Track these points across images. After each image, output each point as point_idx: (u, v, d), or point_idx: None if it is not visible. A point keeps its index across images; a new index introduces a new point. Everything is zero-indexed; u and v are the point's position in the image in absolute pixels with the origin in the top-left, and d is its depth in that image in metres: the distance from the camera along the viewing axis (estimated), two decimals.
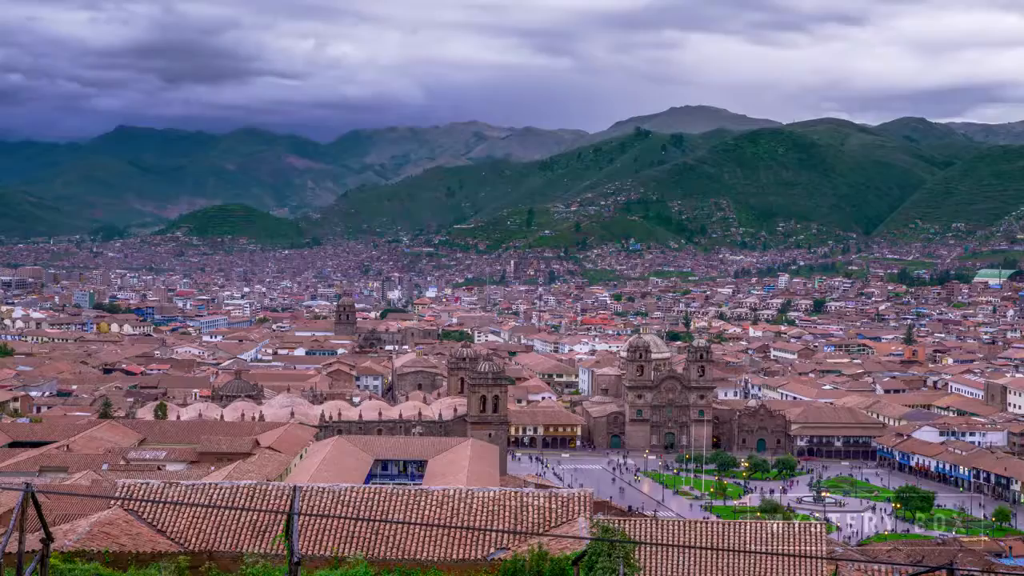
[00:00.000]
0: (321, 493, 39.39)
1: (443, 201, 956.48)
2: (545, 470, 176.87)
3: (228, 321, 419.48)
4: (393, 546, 36.29)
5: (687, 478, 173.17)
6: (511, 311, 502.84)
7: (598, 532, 35.07)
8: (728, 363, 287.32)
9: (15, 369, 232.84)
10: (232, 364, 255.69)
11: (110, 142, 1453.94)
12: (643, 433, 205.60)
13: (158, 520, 37.88)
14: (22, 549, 21.09)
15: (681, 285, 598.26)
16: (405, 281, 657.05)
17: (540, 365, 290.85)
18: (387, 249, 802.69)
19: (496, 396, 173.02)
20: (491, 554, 35.56)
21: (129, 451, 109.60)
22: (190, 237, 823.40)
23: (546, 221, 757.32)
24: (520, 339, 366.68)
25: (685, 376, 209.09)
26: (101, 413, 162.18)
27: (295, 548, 21.92)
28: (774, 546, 41.35)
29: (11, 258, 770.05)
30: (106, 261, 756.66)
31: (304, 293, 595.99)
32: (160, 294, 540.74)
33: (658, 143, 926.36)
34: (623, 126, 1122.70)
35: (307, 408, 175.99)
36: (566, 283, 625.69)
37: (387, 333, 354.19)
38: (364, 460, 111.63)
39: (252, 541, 36.08)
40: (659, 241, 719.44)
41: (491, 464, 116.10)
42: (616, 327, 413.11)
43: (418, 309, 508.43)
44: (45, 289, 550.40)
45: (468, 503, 39.14)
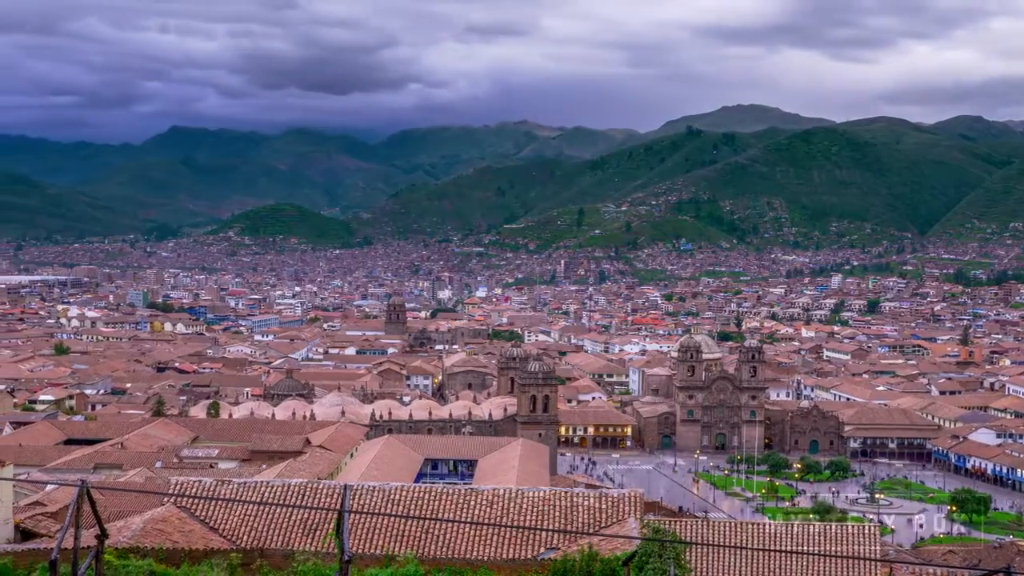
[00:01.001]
0: (371, 492, 39.48)
1: (493, 201, 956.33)
2: (595, 470, 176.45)
3: (279, 320, 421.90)
4: (443, 545, 36.31)
5: (738, 479, 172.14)
6: (561, 311, 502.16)
7: (648, 533, 34.87)
8: (780, 364, 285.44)
9: (71, 367, 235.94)
10: (283, 363, 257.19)
11: (163, 143, 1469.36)
12: (694, 434, 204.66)
13: (210, 517, 38.14)
14: (77, 545, 21.28)
15: (733, 285, 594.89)
16: (455, 281, 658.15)
17: (590, 365, 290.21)
18: (437, 249, 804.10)
19: (546, 396, 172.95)
20: (541, 554, 35.47)
21: (182, 449, 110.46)
22: (242, 237, 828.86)
23: (596, 221, 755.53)
24: (570, 339, 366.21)
25: (737, 377, 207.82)
26: (154, 411, 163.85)
27: (346, 546, 21.96)
28: (827, 548, 40.95)
29: (67, 258, 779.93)
30: (159, 261, 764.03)
31: (355, 293, 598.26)
32: (212, 293, 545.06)
33: (709, 142, 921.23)
34: (674, 125, 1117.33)
35: (358, 407, 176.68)
36: (616, 283, 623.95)
37: (437, 333, 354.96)
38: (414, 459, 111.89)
39: (303, 539, 36.23)
40: (710, 241, 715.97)
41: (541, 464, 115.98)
42: (667, 327, 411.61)
43: (468, 309, 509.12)
44: (100, 288, 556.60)
45: (518, 503, 39.08)
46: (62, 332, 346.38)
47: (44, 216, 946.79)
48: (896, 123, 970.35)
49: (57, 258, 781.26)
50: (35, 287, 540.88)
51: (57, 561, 21.03)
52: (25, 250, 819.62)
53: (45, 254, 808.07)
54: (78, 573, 21.52)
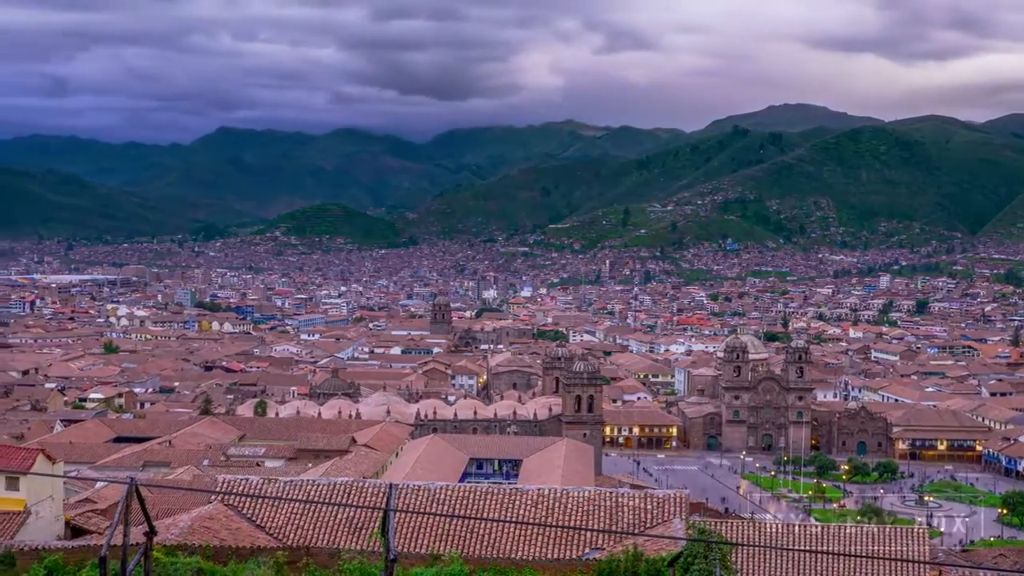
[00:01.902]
0: (417, 491, 39.61)
1: (538, 200, 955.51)
2: (640, 471, 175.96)
3: (325, 320, 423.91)
4: (488, 544, 36.35)
5: (785, 480, 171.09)
6: (606, 311, 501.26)
7: (694, 533, 34.74)
8: (827, 364, 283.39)
9: (120, 366, 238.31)
10: (329, 362, 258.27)
11: (211, 143, 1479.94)
12: (740, 435, 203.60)
13: (257, 515, 38.40)
14: (127, 542, 21.47)
15: (779, 285, 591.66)
16: (500, 281, 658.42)
17: (635, 365, 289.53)
18: (482, 249, 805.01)
19: (591, 396, 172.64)
20: (586, 554, 35.43)
21: (229, 447, 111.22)
22: (288, 236, 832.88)
23: (642, 220, 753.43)
24: (615, 339, 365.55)
25: (783, 377, 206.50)
26: (202, 410, 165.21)
27: (391, 545, 22.03)
28: (875, 550, 40.63)
29: (116, 257, 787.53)
30: (207, 260, 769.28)
31: (400, 292, 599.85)
32: (259, 293, 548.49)
33: (756, 142, 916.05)
34: (720, 124, 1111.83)
35: (403, 407, 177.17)
36: (662, 283, 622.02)
37: (482, 332, 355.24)
38: (459, 459, 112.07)
39: (349, 537, 36.39)
40: (757, 241, 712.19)
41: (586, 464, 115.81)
42: (712, 327, 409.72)
43: (513, 309, 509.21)
44: (148, 288, 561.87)
45: (563, 503, 39.06)
46: (111, 331, 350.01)
47: (94, 216, 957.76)
48: (946, 122, 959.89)
49: (107, 258, 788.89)
50: (85, 286, 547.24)
51: (107, 558, 21.25)
52: (76, 250, 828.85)
53: (95, 254, 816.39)
54: (127, 570, 21.72)
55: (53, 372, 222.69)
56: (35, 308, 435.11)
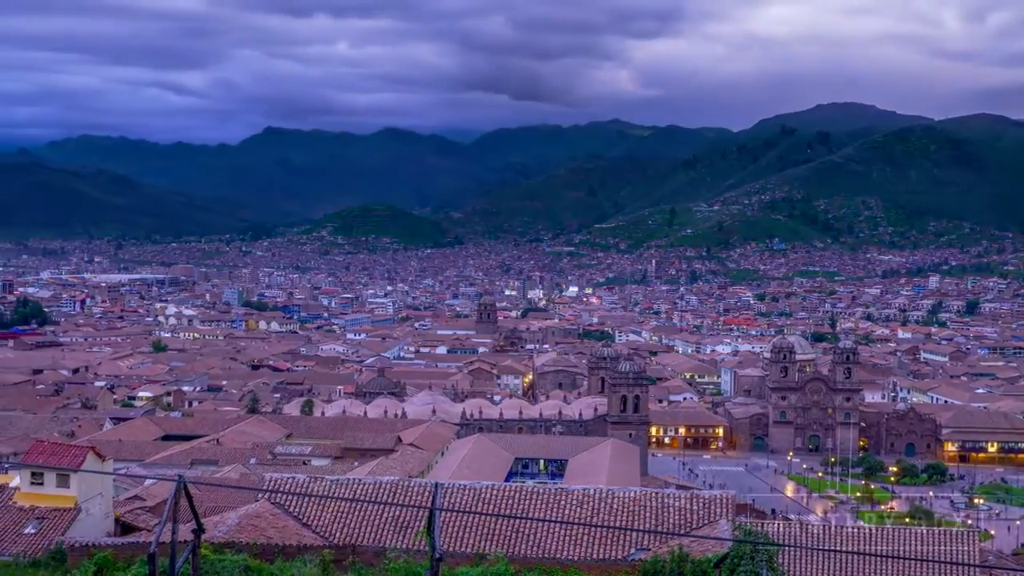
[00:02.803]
0: (462, 490, 39.66)
1: (584, 200, 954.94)
2: (686, 471, 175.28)
3: (371, 319, 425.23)
4: (533, 544, 36.34)
5: (832, 482, 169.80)
6: (652, 311, 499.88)
7: (740, 534, 34.56)
8: (875, 365, 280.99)
9: (168, 364, 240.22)
10: (375, 362, 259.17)
11: (258, 143, 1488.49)
12: (787, 435, 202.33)
13: (303, 514, 38.60)
14: (175, 539, 21.64)
15: (826, 285, 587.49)
16: (546, 280, 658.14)
17: (681, 365, 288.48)
18: (528, 248, 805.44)
19: (637, 396, 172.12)
20: (631, 554, 35.33)
21: (276, 446, 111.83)
22: (335, 236, 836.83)
23: (688, 220, 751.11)
24: (661, 339, 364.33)
25: (831, 378, 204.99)
26: (249, 408, 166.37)
27: (437, 544, 22.07)
28: (924, 552, 40.24)
29: (164, 257, 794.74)
30: (254, 260, 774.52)
31: (446, 292, 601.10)
32: (306, 292, 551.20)
33: (804, 141, 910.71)
34: (768, 124, 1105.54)
35: (448, 406, 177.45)
36: (708, 283, 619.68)
37: (528, 332, 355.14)
38: (504, 458, 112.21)
39: (394, 536, 36.49)
40: (804, 240, 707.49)
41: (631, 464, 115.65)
42: (759, 328, 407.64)
43: (558, 308, 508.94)
44: (196, 287, 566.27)
45: (608, 503, 38.98)
46: (160, 330, 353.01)
47: (143, 216, 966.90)
48: (996, 120, 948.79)
49: (155, 257, 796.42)
50: (134, 286, 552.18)
51: (156, 554, 21.45)
52: (125, 249, 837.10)
53: (144, 253, 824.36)
54: (175, 567, 21.89)
55: (103, 371, 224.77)
56: (85, 307, 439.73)
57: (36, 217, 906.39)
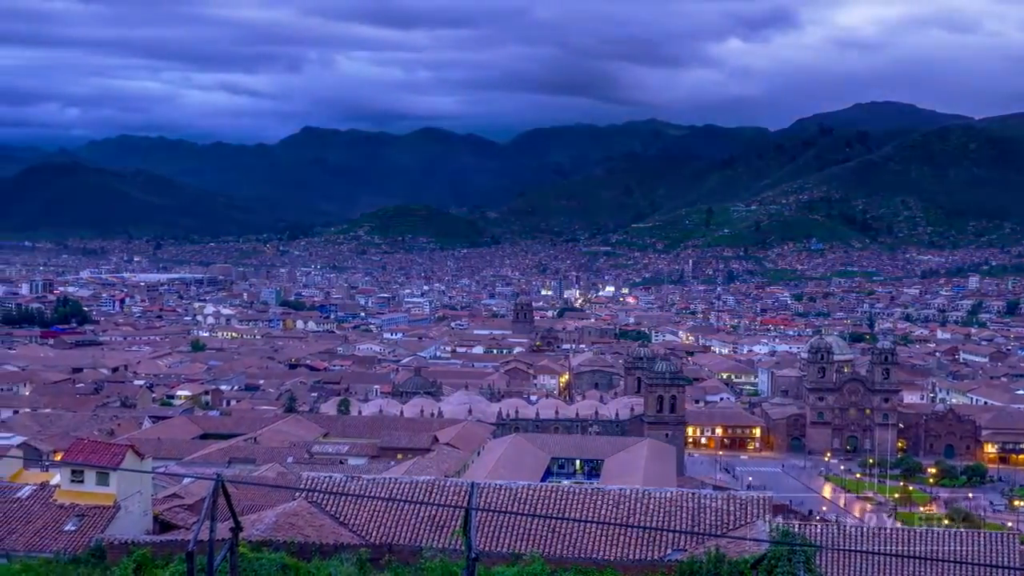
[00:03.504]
0: (498, 490, 39.70)
1: (621, 199, 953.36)
2: (723, 472, 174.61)
3: (408, 319, 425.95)
4: (569, 544, 36.34)
5: (870, 483, 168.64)
6: (689, 311, 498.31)
7: (777, 536, 34.41)
8: (914, 366, 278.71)
9: (206, 364, 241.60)
10: (412, 361, 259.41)
11: (295, 143, 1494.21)
12: (824, 436, 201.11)
13: (340, 512, 38.77)
14: (213, 537, 21.78)
15: (865, 285, 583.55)
16: (582, 280, 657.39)
17: (718, 365, 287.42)
18: (564, 248, 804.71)
19: (673, 396, 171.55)
20: (668, 555, 35.26)
21: (313, 445, 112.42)
22: (372, 236, 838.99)
23: (725, 220, 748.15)
24: (698, 339, 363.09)
25: (869, 379, 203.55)
26: (286, 407, 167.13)
27: (473, 544, 22.10)
28: (963, 554, 39.93)
29: (203, 256, 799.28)
30: (291, 259, 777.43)
31: (482, 292, 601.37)
32: (343, 292, 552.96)
33: (842, 140, 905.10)
34: (806, 123, 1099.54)
35: (484, 406, 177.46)
36: (745, 283, 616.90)
37: (564, 332, 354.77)
38: (541, 458, 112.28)
39: (431, 535, 36.59)
40: (842, 240, 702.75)
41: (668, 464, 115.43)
42: (797, 328, 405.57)
43: (594, 308, 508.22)
44: (234, 287, 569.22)
45: (645, 503, 38.92)
46: (198, 329, 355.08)
47: (182, 216, 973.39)
48: None
49: (193, 257, 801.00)
50: (173, 285, 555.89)
51: (194, 552, 21.59)
52: (163, 249, 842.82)
53: (182, 253, 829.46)
54: (213, 565, 22.03)
55: (142, 370, 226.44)
56: (124, 306, 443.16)
57: (76, 217, 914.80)
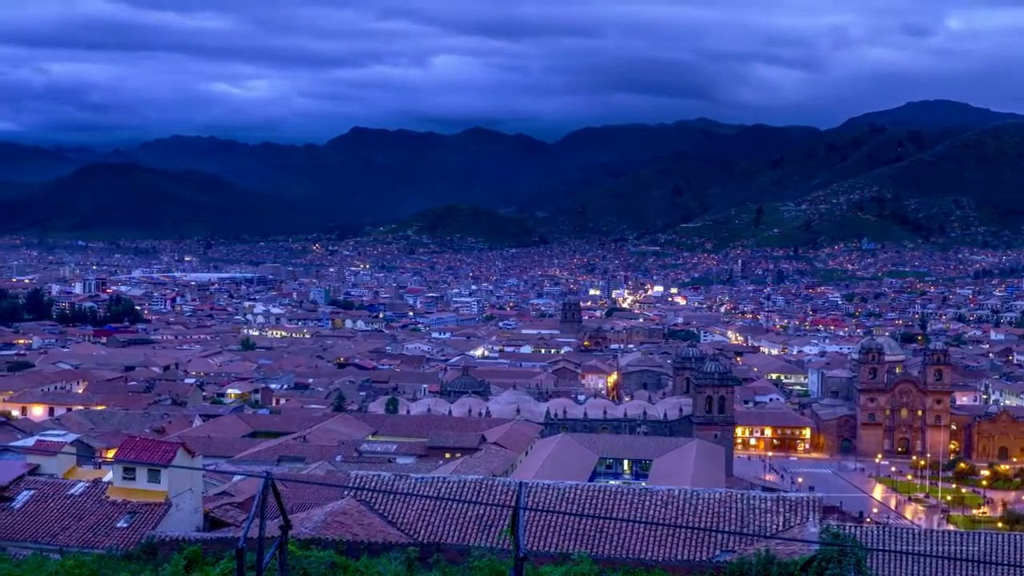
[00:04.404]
0: (546, 490, 39.65)
1: (670, 199, 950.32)
2: (772, 473, 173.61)
3: (456, 318, 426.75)
4: (617, 545, 36.23)
5: (922, 485, 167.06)
6: (738, 311, 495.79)
7: (827, 538, 34.12)
8: (967, 367, 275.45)
9: (256, 362, 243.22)
10: (460, 361, 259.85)
11: (344, 144, 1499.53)
12: (876, 437, 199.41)
13: (388, 511, 38.86)
14: (263, 534, 21.89)
15: (917, 286, 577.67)
16: (631, 280, 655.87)
17: (768, 366, 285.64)
18: (613, 248, 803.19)
19: (722, 396, 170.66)
20: (716, 556, 35.07)
21: (361, 443, 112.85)
22: (420, 235, 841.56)
23: (775, 220, 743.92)
24: (747, 339, 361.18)
25: (921, 379, 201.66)
26: (335, 406, 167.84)
27: (521, 543, 22.07)
28: (1017, 559, 39.40)
29: (253, 256, 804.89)
30: (340, 259, 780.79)
31: (530, 291, 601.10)
32: (391, 291, 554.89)
33: (893, 139, 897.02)
34: (857, 122, 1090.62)
35: (532, 405, 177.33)
36: (795, 283, 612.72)
37: (612, 332, 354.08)
38: (589, 458, 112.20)
39: (479, 535, 36.59)
40: (893, 240, 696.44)
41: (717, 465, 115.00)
42: (847, 328, 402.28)
43: (643, 308, 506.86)
44: (284, 286, 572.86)
45: (693, 504, 38.73)
46: (248, 328, 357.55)
47: (232, 216, 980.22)
48: None
49: (243, 256, 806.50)
50: (223, 284, 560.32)
51: (244, 550, 21.71)
52: (214, 248, 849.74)
53: (232, 252, 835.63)
54: (263, 562, 22.15)
55: (192, 368, 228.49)
56: (175, 305, 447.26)
57: (129, 217, 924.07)
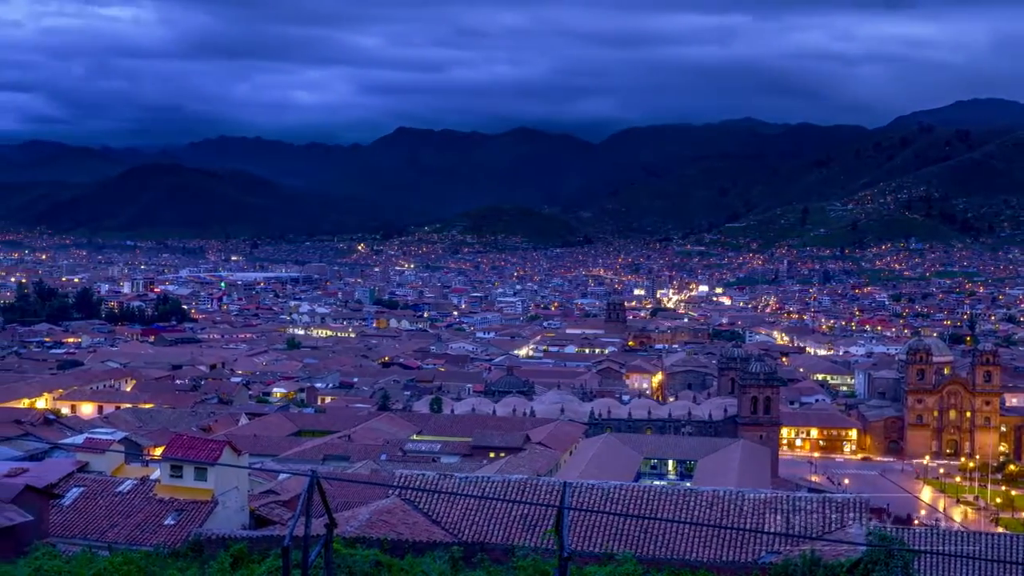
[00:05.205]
0: (591, 490, 39.60)
1: (715, 199, 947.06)
2: (818, 474, 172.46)
3: (501, 318, 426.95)
4: (662, 545, 36.13)
5: (971, 487, 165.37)
6: (784, 311, 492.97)
7: (874, 540, 33.85)
8: (1017, 368, 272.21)
9: (301, 362, 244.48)
10: (504, 360, 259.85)
11: (390, 143, 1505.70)
12: (923, 439, 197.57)
13: (433, 510, 38.95)
14: (308, 533, 22.00)
15: (966, 286, 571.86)
16: (675, 280, 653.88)
17: (814, 366, 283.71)
18: (657, 248, 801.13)
19: (768, 397, 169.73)
20: (761, 557, 34.89)
21: (406, 442, 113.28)
22: (465, 235, 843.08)
23: (821, 219, 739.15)
24: (793, 339, 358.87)
25: (970, 381, 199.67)
26: (380, 405, 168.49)
27: (566, 543, 22.05)
28: None
29: (298, 255, 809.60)
30: (385, 258, 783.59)
31: (574, 291, 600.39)
32: (436, 291, 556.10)
33: (942, 138, 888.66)
34: (904, 121, 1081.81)
35: (576, 405, 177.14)
36: (842, 283, 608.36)
37: (657, 332, 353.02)
38: (633, 458, 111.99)
39: (523, 534, 36.59)
40: (942, 240, 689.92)
41: (762, 466, 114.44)
42: (895, 329, 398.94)
43: (688, 308, 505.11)
44: (329, 285, 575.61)
45: (738, 505, 38.55)
46: (293, 327, 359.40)
47: (278, 215, 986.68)
48: None
49: (289, 256, 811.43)
50: (269, 284, 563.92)
51: (289, 548, 21.84)
52: (260, 248, 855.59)
53: (278, 252, 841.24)
54: (308, 560, 22.26)
55: (238, 367, 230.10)
56: (222, 305, 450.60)
57: (176, 217, 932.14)
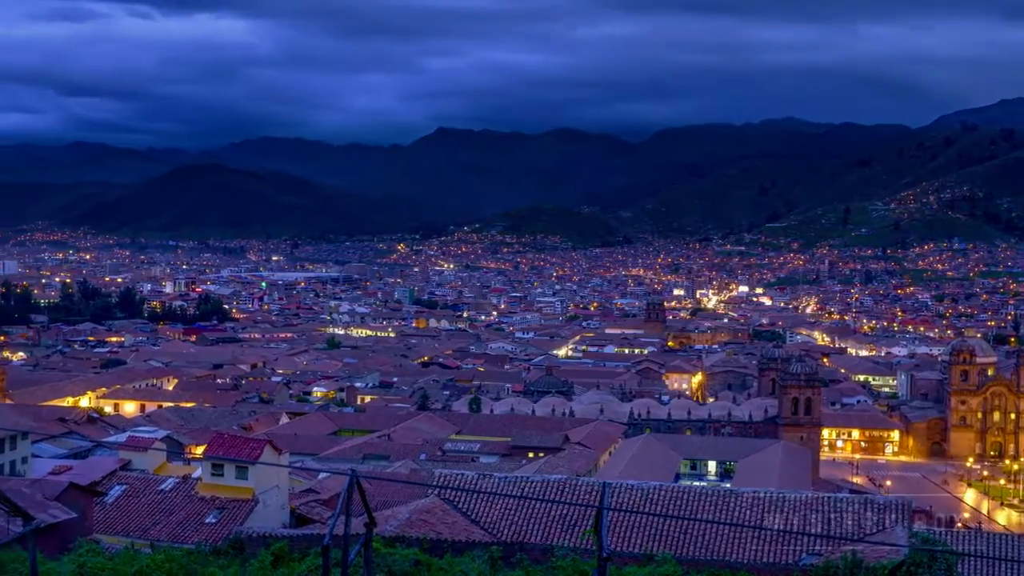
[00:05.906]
0: (630, 490, 39.52)
1: (755, 199, 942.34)
2: (859, 475, 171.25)
3: (540, 318, 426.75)
4: (701, 546, 36.01)
5: (1016, 490, 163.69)
6: (825, 311, 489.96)
7: (917, 542, 33.55)
8: None
9: (341, 361, 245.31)
10: (543, 360, 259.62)
11: (430, 143, 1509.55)
12: (967, 441, 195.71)
13: (472, 510, 38.99)
14: (348, 532, 22.06)
15: (1010, 286, 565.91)
16: (716, 280, 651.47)
17: (855, 367, 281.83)
18: (697, 248, 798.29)
19: (808, 398, 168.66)
20: (802, 559, 34.69)
21: (445, 442, 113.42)
22: (504, 235, 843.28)
23: (863, 219, 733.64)
24: (834, 340, 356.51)
25: (1014, 382, 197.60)
26: (419, 405, 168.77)
27: (605, 543, 22.00)
28: None
29: (338, 255, 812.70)
30: (425, 258, 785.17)
31: (614, 291, 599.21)
32: (475, 291, 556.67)
33: (986, 138, 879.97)
34: (948, 120, 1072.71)
35: (616, 405, 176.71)
36: (884, 283, 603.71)
37: (696, 332, 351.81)
38: (673, 459, 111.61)
39: (562, 535, 36.57)
40: (986, 240, 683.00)
41: (803, 467, 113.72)
42: (937, 330, 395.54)
43: (728, 308, 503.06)
44: (369, 285, 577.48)
45: (779, 506, 38.35)
46: (333, 327, 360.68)
47: (318, 215, 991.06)
48: None
49: (329, 256, 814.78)
50: (309, 283, 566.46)
51: (329, 547, 21.91)
52: (300, 248, 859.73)
53: (318, 252, 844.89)
54: (348, 559, 22.33)
55: (279, 366, 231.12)
56: (263, 304, 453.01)
57: (217, 217, 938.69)
